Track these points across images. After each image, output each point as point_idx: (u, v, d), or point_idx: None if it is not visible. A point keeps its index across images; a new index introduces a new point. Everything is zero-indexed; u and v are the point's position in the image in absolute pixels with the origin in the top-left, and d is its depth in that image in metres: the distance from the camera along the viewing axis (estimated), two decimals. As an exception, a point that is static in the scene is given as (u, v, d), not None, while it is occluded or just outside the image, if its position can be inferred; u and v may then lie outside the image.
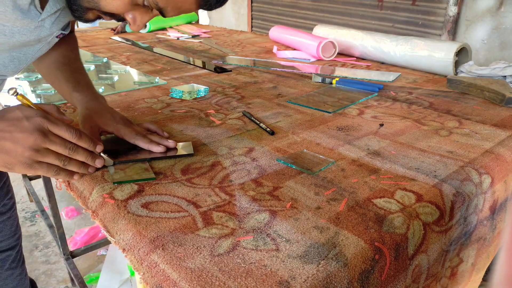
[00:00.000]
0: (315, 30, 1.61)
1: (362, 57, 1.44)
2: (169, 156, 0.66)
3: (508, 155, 0.71)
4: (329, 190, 0.57)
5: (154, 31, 1.99)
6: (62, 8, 0.61)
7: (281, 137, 0.75)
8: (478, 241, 0.71)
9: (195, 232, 0.48)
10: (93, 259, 1.79)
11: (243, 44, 1.70)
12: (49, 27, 0.62)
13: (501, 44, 2.02)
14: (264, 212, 0.52)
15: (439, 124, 0.82)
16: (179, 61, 1.37)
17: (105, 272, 1.51)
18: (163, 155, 0.66)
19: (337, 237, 0.48)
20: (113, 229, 0.51)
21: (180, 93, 0.98)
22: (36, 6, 0.57)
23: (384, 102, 0.97)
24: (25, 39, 0.60)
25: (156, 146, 0.66)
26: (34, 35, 0.61)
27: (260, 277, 0.41)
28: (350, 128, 0.80)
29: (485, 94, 0.99)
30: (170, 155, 0.66)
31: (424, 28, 2.34)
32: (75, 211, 2.11)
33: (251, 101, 0.95)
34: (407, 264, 0.51)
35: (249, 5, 3.55)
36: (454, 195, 0.59)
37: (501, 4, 1.98)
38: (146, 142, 0.67)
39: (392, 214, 0.52)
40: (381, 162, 0.66)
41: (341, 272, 0.43)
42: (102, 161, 0.61)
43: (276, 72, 1.24)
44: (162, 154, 0.66)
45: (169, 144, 0.68)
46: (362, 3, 2.64)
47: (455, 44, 1.17)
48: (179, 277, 0.42)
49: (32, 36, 0.60)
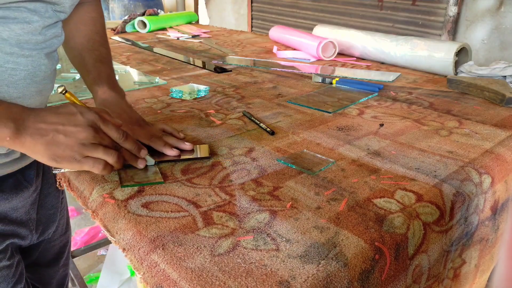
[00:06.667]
0: (315, 30, 1.61)
1: (362, 57, 1.44)
2: (187, 159, 0.66)
3: (508, 155, 0.71)
4: (329, 190, 0.57)
5: (154, 31, 1.99)
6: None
7: (281, 137, 0.75)
8: (481, 242, 0.71)
9: (195, 232, 0.48)
10: (93, 259, 1.79)
11: (243, 44, 1.70)
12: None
13: (501, 44, 2.03)
14: (264, 212, 0.52)
15: (439, 124, 0.82)
16: (179, 61, 1.37)
17: (105, 272, 1.51)
18: (177, 158, 0.66)
19: (337, 237, 0.48)
20: (113, 228, 0.51)
21: (180, 93, 0.98)
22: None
23: (384, 102, 0.97)
24: None
25: (170, 150, 0.66)
26: None
27: (260, 277, 0.41)
28: (350, 128, 0.80)
29: (485, 94, 0.99)
30: (187, 158, 0.66)
31: (424, 28, 2.34)
32: (75, 211, 2.11)
33: (251, 101, 0.95)
34: (407, 264, 0.51)
35: (249, 5, 3.55)
36: (454, 195, 0.59)
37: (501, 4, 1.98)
38: (160, 144, 0.66)
39: (392, 214, 0.52)
40: (381, 162, 0.66)
41: (341, 272, 0.43)
42: (144, 162, 0.62)
43: (276, 72, 1.24)
44: (177, 157, 0.66)
45: (186, 146, 0.67)
46: (362, 3, 2.64)
47: (455, 44, 1.17)
48: (179, 277, 0.42)
49: None
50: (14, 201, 0.65)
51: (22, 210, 0.67)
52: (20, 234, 0.68)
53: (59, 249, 0.84)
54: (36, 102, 0.60)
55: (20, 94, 0.56)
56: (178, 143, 0.67)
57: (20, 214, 0.67)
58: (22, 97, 0.56)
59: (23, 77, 0.56)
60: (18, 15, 0.53)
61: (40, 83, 0.59)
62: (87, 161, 0.54)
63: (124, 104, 0.72)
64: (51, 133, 0.52)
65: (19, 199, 0.66)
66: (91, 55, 0.75)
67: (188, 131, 0.78)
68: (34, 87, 0.58)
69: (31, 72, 0.57)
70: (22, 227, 0.68)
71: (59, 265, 0.85)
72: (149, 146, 0.66)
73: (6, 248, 0.65)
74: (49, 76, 0.61)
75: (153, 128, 0.70)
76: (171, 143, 0.67)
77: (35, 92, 0.59)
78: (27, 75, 0.56)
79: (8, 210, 0.64)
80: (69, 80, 1.11)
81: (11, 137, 0.49)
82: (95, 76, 0.73)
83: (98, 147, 0.54)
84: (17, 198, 0.65)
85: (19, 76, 0.55)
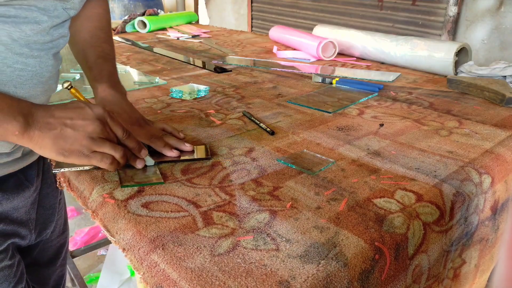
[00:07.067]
0: (315, 30, 1.61)
1: (362, 57, 1.44)
2: (186, 160, 0.66)
3: (508, 155, 0.71)
4: (329, 190, 0.57)
5: (154, 31, 1.99)
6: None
7: (281, 137, 0.75)
8: (481, 242, 0.71)
9: (195, 232, 0.48)
10: (93, 259, 1.79)
11: (243, 44, 1.70)
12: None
13: (501, 44, 2.03)
14: (264, 212, 0.52)
15: (439, 124, 0.82)
16: (179, 61, 1.37)
17: (105, 272, 1.51)
18: (177, 158, 0.65)
19: (337, 237, 0.48)
20: (113, 228, 0.51)
21: (180, 93, 0.98)
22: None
23: (384, 102, 0.97)
24: None
25: (170, 151, 0.66)
26: None
27: (260, 277, 0.41)
28: (350, 128, 0.80)
29: (485, 94, 0.99)
30: (187, 158, 0.66)
31: (424, 28, 2.34)
32: (75, 211, 2.11)
33: (251, 101, 0.95)
34: (407, 264, 0.51)
35: (249, 5, 3.55)
36: (454, 195, 0.59)
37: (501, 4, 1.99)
38: (160, 145, 0.66)
39: (392, 214, 0.52)
40: (381, 162, 0.66)
41: (341, 272, 0.43)
42: (143, 162, 0.62)
43: (276, 72, 1.24)
44: (176, 158, 0.65)
45: (185, 148, 0.67)
46: (362, 3, 2.64)
47: (455, 44, 1.17)
48: (179, 277, 0.42)
49: None
50: (15, 201, 0.65)
51: (22, 210, 0.67)
52: (20, 234, 0.68)
53: (56, 250, 0.84)
54: (41, 102, 0.60)
55: (27, 94, 0.56)
56: (178, 144, 0.67)
57: (20, 214, 0.67)
58: (28, 98, 0.56)
59: (30, 77, 0.56)
60: (28, 15, 0.53)
61: (46, 83, 0.60)
62: (95, 156, 0.54)
63: (124, 103, 0.72)
64: (59, 126, 0.52)
65: (20, 199, 0.66)
66: (93, 52, 0.75)
67: (188, 131, 0.78)
68: (40, 87, 0.58)
69: (38, 73, 0.57)
70: (23, 227, 0.68)
71: (56, 265, 0.85)
72: (149, 146, 0.66)
73: (7, 248, 0.65)
74: (54, 76, 0.61)
75: (153, 128, 0.70)
76: (171, 144, 0.67)
77: (41, 92, 0.59)
78: (35, 75, 0.57)
79: (9, 210, 0.64)
80: (69, 80, 1.11)
81: (20, 131, 0.49)
82: (96, 73, 0.73)
83: (105, 142, 0.55)
84: (18, 197, 0.65)
85: (26, 76, 0.55)
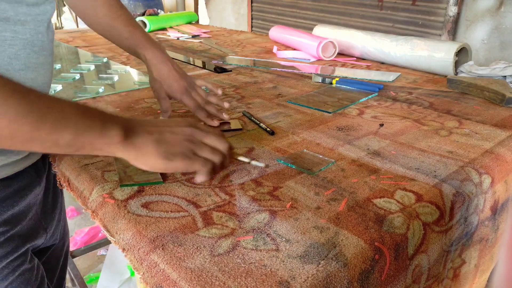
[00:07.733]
0: (315, 30, 1.61)
1: (362, 57, 1.44)
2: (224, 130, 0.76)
3: (508, 155, 0.71)
4: (329, 190, 0.57)
5: (154, 31, 1.99)
6: None
7: (281, 137, 0.75)
8: (480, 242, 0.71)
9: (195, 232, 0.48)
10: (93, 259, 1.79)
11: (243, 44, 1.70)
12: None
13: (501, 44, 2.03)
14: (264, 212, 0.52)
15: (439, 124, 0.82)
16: (179, 61, 1.37)
17: (105, 272, 1.51)
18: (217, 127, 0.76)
19: (337, 237, 0.48)
20: (113, 228, 0.51)
21: (180, 93, 0.98)
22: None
23: (384, 102, 0.97)
24: None
25: (211, 121, 0.77)
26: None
27: (260, 277, 0.41)
28: (350, 128, 0.80)
29: (485, 94, 0.99)
30: (225, 129, 0.77)
31: (424, 28, 2.34)
32: (75, 211, 2.11)
33: (251, 101, 0.95)
34: (407, 264, 0.51)
35: (249, 5, 3.55)
36: (454, 195, 0.59)
37: (501, 4, 1.99)
38: (204, 116, 0.77)
39: (392, 214, 0.52)
40: (381, 162, 0.66)
41: (341, 272, 0.43)
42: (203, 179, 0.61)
43: (276, 72, 1.24)
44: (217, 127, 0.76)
45: (224, 117, 0.78)
46: (362, 3, 2.64)
47: (455, 44, 1.17)
48: (179, 277, 0.42)
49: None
50: (28, 199, 0.66)
51: (34, 208, 0.68)
52: (36, 235, 0.69)
53: (59, 252, 0.84)
54: (39, 76, 0.60)
55: (23, 66, 0.56)
56: (217, 114, 0.78)
57: (33, 213, 0.68)
58: (25, 70, 0.56)
59: (22, 46, 0.56)
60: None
61: (40, 54, 0.60)
62: (198, 160, 0.55)
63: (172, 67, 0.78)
64: (159, 132, 0.53)
65: (32, 196, 0.67)
66: (120, 22, 0.78)
67: (188, 131, 0.78)
68: (34, 58, 0.59)
69: (29, 41, 0.57)
70: (37, 228, 0.69)
71: (58, 267, 0.85)
72: None
73: (26, 251, 0.65)
74: (47, 47, 0.62)
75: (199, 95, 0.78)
76: (212, 113, 0.78)
77: (37, 64, 0.59)
78: (26, 44, 0.57)
79: (25, 209, 0.65)
80: (69, 80, 1.11)
81: (122, 141, 0.49)
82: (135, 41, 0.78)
83: (205, 146, 0.56)
84: (31, 194, 0.66)
85: (19, 46, 0.56)
